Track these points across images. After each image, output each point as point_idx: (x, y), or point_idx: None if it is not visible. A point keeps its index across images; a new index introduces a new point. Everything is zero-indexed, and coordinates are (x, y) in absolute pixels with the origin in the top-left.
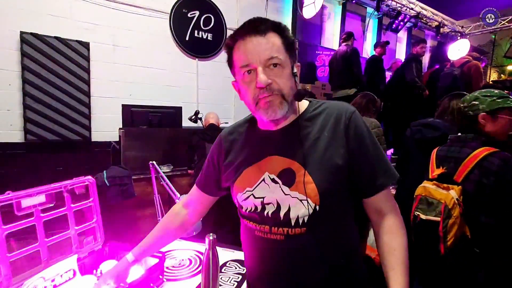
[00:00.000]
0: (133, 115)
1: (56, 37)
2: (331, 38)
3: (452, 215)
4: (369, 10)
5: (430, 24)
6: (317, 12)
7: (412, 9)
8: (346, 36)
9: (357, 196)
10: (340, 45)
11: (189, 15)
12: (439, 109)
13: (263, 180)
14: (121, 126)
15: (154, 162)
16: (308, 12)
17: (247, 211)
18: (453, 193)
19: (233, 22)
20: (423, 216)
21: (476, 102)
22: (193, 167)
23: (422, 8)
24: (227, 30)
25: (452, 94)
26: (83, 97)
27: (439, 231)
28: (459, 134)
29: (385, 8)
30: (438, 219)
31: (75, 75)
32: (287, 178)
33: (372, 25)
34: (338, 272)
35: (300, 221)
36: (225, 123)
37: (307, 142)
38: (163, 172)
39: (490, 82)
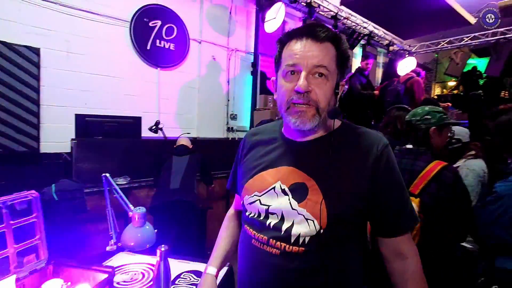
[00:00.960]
0: (88, 125)
1: (1, 42)
2: None
3: (415, 227)
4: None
5: (382, 42)
6: (278, 27)
7: (365, 28)
8: None
9: (375, 234)
10: None
11: (150, 24)
12: (384, 120)
13: (273, 188)
14: (73, 137)
15: (107, 175)
16: (270, 26)
17: (250, 216)
18: (413, 205)
19: (196, 33)
20: None
21: (429, 117)
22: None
23: (374, 27)
24: (190, 40)
25: (395, 106)
26: (31, 105)
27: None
28: (410, 146)
29: (342, 26)
30: None
31: (22, 82)
32: (298, 193)
33: None
34: None
35: (301, 240)
36: (187, 133)
37: (329, 162)
38: (119, 185)
39: (435, 96)
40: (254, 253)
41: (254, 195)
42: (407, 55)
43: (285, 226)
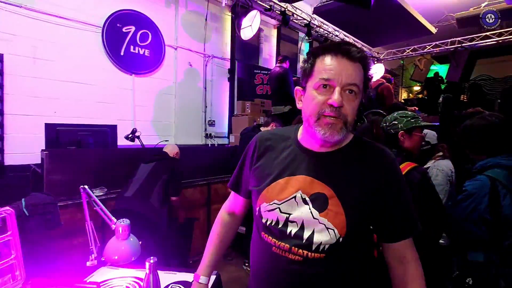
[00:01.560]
0: (59, 135)
1: None
2: (268, 59)
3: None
4: (301, 34)
5: None
6: (254, 34)
7: (337, 36)
8: (282, 58)
9: (379, 239)
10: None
11: (124, 30)
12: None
13: (294, 197)
14: (43, 148)
15: (86, 186)
16: (246, 34)
17: (268, 223)
18: None
19: (171, 40)
20: None
21: (396, 122)
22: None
23: (345, 35)
24: (166, 47)
25: (371, 111)
26: None
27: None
28: None
29: (315, 34)
30: None
31: None
32: (318, 203)
33: (304, 47)
34: None
35: (321, 247)
36: (166, 140)
37: (346, 173)
38: (96, 196)
39: (402, 101)
40: (275, 260)
41: (273, 203)
42: (375, 62)
43: (306, 235)
